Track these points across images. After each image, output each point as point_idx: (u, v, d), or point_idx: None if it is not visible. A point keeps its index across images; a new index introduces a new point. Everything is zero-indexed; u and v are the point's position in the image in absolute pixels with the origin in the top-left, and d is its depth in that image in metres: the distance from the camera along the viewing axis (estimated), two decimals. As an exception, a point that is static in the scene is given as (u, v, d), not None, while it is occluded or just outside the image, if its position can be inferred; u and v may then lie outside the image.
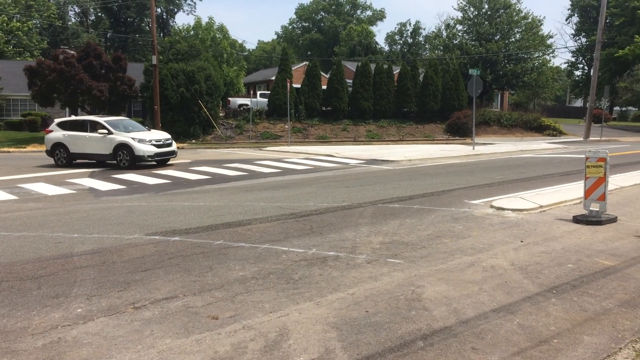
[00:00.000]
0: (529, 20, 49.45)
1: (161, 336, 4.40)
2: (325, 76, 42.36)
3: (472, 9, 50.53)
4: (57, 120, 19.94)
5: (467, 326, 4.60)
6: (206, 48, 44.81)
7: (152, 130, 20.84)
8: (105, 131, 18.43)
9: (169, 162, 19.64)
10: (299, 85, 37.68)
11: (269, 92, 39.24)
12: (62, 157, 19.09)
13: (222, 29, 51.51)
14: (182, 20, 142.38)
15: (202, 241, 7.49)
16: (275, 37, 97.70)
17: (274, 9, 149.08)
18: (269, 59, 79.56)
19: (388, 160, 19.39)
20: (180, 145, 29.08)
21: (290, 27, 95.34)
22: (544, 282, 5.72)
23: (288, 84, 31.38)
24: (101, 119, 19.42)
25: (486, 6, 49.74)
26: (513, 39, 49.19)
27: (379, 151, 23.28)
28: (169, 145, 19.07)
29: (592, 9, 65.04)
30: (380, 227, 8.23)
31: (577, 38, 71.62)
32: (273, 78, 41.87)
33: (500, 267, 6.21)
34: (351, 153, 22.61)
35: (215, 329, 4.54)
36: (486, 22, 49.07)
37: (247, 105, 38.42)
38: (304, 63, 50.99)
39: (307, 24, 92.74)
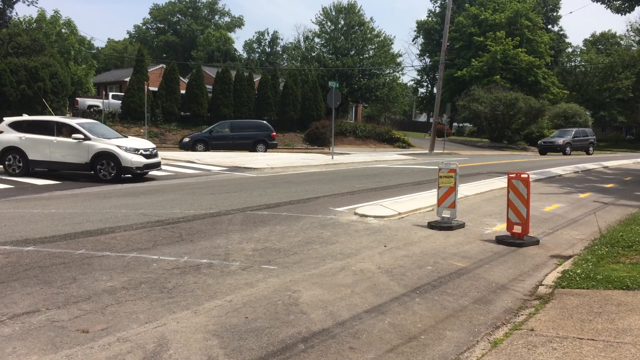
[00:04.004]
0: (381, 38, 52.65)
1: (26, 353, 4.02)
2: (183, 80, 41.35)
3: (329, 23, 52.57)
4: (8, 120, 15.96)
5: (344, 327, 4.79)
6: (51, 43, 41.40)
7: (130, 138, 17.79)
8: (81, 136, 15.14)
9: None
10: (155, 89, 36.32)
11: (123, 93, 37.34)
12: (16, 164, 15.37)
13: (69, 24, 48.02)
14: (22, 11, 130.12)
15: (61, 251, 6.93)
16: (127, 36, 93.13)
17: (126, 6, 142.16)
18: (121, 58, 75.62)
19: (251, 168, 19.42)
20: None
21: (144, 27, 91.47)
22: (408, 284, 6.13)
23: (145, 87, 30.12)
24: (72, 121, 16.14)
25: (342, 22, 52.04)
26: (367, 55, 52.01)
27: (240, 158, 23.21)
28: (155, 155, 16.23)
29: (435, 32, 70.92)
30: (251, 234, 8.25)
31: (422, 58, 77.58)
32: (127, 79, 39.93)
33: (368, 271, 6.54)
34: (212, 160, 22.29)
35: (87, 342, 4.25)
36: (342, 37, 51.33)
37: (97, 106, 36.19)
38: (161, 65, 49.29)
39: (162, 25, 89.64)
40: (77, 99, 37.84)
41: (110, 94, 40.11)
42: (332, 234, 8.47)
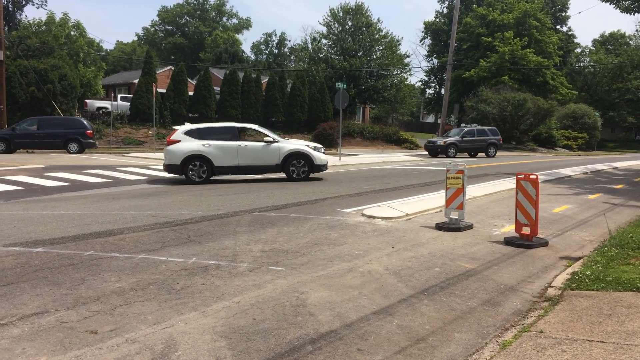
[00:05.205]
0: (389, 39, 52.57)
1: (35, 354, 4.04)
2: (191, 82, 41.50)
3: (336, 24, 52.56)
4: (183, 128, 15.91)
5: (351, 329, 4.78)
6: (60, 46, 41.74)
7: (292, 139, 18.84)
8: (270, 139, 15.89)
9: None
10: (163, 90, 36.49)
11: (131, 95, 37.53)
12: (201, 171, 15.32)
13: (78, 26, 48.38)
14: (32, 14, 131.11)
15: (70, 252, 6.97)
16: (135, 38, 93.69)
17: (135, 9, 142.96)
18: (129, 60, 75.98)
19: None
20: (30, 149, 26.75)
21: (152, 29, 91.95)
22: (416, 285, 6.11)
23: (154, 88, 30.25)
24: (252, 126, 17.08)
25: (350, 23, 52.02)
26: (374, 56, 51.94)
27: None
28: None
29: (442, 33, 70.78)
30: (259, 236, 8.26)
31: (430, 59, 77.44)
32: (135, 81, 40.12)
33: (376, 272, 6.53)
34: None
35: (96, 343, 4.27)
36: (350, 39, 51.31)
37: (106, 108, 36.43)
38: (169, 67, 49.54)
39: (170, 27, 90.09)
40: (86, 100, 38.12)
41: (119, 95, 40.36)
42: (339, 235, 8.47)
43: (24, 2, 70.89)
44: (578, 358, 4.06)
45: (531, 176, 8.24)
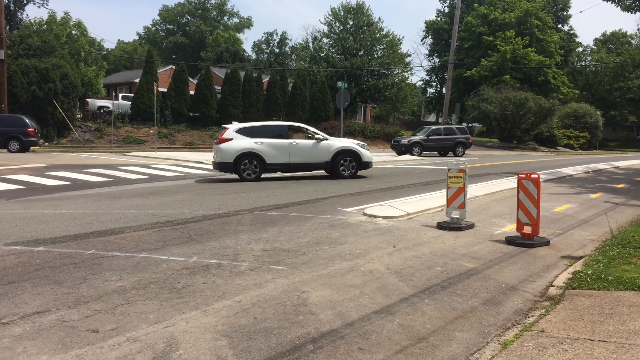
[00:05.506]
0: (390, 38, 52.56)
1: (36, 353, 4.04)
2: (192, 81, 41.50)
3: (337, 23, 52.56)
4: (234, 127, 16.18)
5: (353, 328, 4.78)
6: (61, 45, 41.74)
7: (336, 138, 19.26)
8: (320, 137, 16.30)
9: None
10: (164, 89, 36.53)
11: (133, 94, 37.55)
12: (253, 169, 15.66)
13: (79, 25, 48.40)
14: (33, 13, 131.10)
15: (71, 251, 6.97)
16: (137, 37, 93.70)
17: (136, 8, 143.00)
18: (130, 60, 76.08)
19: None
20: (32, 147, 26.77)
21: (153, 28, 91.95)
22: (417, 284, 6.10)
23: (155, 88, 30.28)
24: (300, 124, 17.53)
25: (351, 22, 52.02)
26: (375, 55, 51.93)
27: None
28: None
29: (444, 32, 70.70)
30: (260, 235, 8.26)
31: (431, 58, 77.35)
32: (136, 80, 40.17)
33: (377, 271, 6.52)
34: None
35: (97, 342, 4.27)
36: (351, 38, 51.31)
37: (107, 107, 36.47)
38: (170, 67, 49.55)
39: (171, 27, 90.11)
40: (88, 100, 38.17)
41: (120, 95, 40.38)
42: (340, 235, 8.46)
43: (25, 1, 70.93)
44: (579, 357, 4.05)
45: (532, 175, 8.23)
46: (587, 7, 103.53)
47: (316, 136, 16.37)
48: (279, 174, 16.91)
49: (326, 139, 16.36)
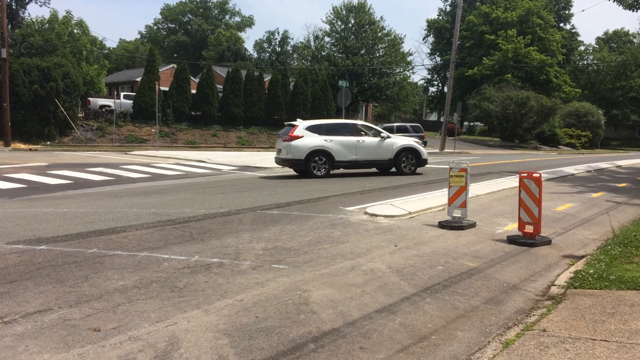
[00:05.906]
0: (391, 37, 52.54)
1: (38, 351, 4.05)
2: (194, 80, 41.51)
3: (339, 22, 52.55)
4: (303, 124, 16.44)
5: (354, 327, 4.77)
6: (63, 44, 41.73)
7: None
8: (385, 135, 16.78)
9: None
10: (166, 88, 36.54)
11: (134, 93, 37.57)
12: (322, 166, 16.09)
13: (81, 24, 48.40)
14: (35, 12, 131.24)
15: (73, 250, 6.98)
16: (138, 36, 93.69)
17: (138, 7, 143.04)
18: (132, 58, 76.09)
19: (261, 167, 19.48)
20: (34, 146, 26.81)
21: (155, 27, 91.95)
22: (418, 283, 6.10)
23: (157, 87, 30.30)
24: (365, 123, 18.07)
25: (352, 21, 52.01)
26: (377, 54, 51.92)
27: (251, 158, 23.30)
28: None
29: (445, 31, 70.62)
30: (261, 234, 8.26)
31: (433, 57, 77.32)
32: (138, 79, 40.18)
33: (379, 270, 6.52)
34: (223, 159, 22.38)
35: (99, 341, 4.27)
36: (352, 36, 51.31)
37: (109, 106, 36.48)
38: (171, 65, 49.55)
39: (173, 26, 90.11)
40: (89, 98, 38.17)
41: (122, 93, 40.38)
42: (342, 234, 8.46)
43: (27, 0, 71.03)
44: (581, 357, 4.05)
45: (534, 174, 8.21)
46: (589, 5, 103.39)
47: (381, 134, 16.78)
48: (269, 174, 16.90)
49: (389, 137, 16.88)
